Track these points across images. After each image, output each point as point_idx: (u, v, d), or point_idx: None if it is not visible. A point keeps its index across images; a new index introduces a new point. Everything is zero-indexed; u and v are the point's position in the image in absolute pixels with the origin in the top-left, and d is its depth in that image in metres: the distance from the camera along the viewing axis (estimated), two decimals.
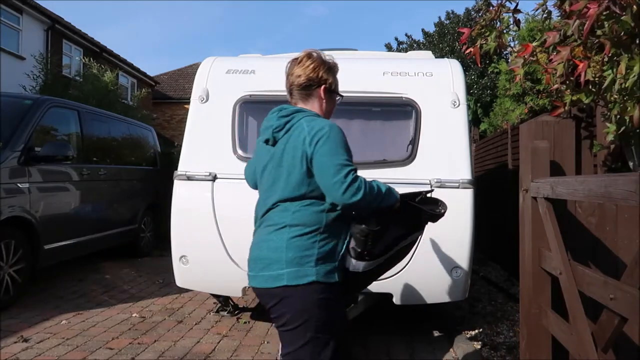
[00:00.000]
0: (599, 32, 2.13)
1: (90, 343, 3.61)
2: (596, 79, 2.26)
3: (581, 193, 1.80)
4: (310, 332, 1.73)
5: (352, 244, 1.83)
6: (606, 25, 2.05)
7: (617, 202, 1.58)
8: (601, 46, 2.14)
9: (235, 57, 4.29)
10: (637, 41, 2.01)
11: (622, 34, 2.00)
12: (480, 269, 6.48)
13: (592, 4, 1.86)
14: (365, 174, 3.79)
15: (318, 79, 1.91)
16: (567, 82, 2.38)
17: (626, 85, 1.98)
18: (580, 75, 2.12)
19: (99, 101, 10.03)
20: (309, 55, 1.93)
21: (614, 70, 2.04)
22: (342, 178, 1.69)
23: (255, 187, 2.15)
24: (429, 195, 2.05)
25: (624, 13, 1.87)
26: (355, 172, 1.75)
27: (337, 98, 2.01)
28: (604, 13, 1.92)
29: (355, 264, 1.83)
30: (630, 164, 2.48)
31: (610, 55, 2.05)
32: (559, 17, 2.54)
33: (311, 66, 1.90)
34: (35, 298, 4.76)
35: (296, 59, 1.93)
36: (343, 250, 1.83)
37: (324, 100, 1.96)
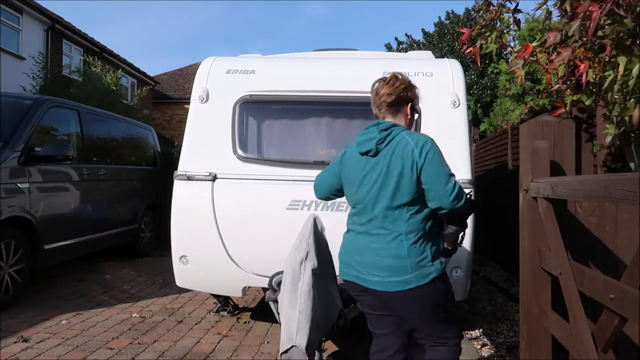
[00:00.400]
0: (600, 32, 2.13)
1: (90, 343, 3.61)
2: (597, 79, 2.26)
3: (581, 193, 1.80)
4: (445, 315, 2.12)
5: (444, 244, 2.12)
6: (607, 27, 2.05)
7: (617, 202, 1.58)
8: (602, 47, 2.13)
9: (235, 57, 4.29)
10: (638, 42, 2.01)
11: (622, 35, 2.00)
12: (480, 269, 6.48)
13: (594, 6, 1.86)
14: None
15: (406, 97, 2.19)
16: (568, 82, 2.38)
17: (628, 86, 1.98)
18: (581, 76, 2.12)
19: (99, 101, 10.02)
20: (396, 77, 2.22)
21: (615, 70, 2.04)
22: (452, 187, 1.99)
23: (324, 197, 2.45)
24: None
25: (627, 15, 1.87)
26: None
27: (416, 115, 2.28)
28: (605, 15, 1.92)
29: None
30: (631, 164, 2.48)
31: (611, 56, 2.05)
32: (559, 17, 2.54)
33: (402, 87, 2.18)
34: (35, 298, 4.76)
35: (384, 79, 2.23)
36: (439, 249, 2.12)
37: (409, 116, 2.22)
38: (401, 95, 2.17)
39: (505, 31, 2.61)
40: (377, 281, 2.04)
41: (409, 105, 2.21)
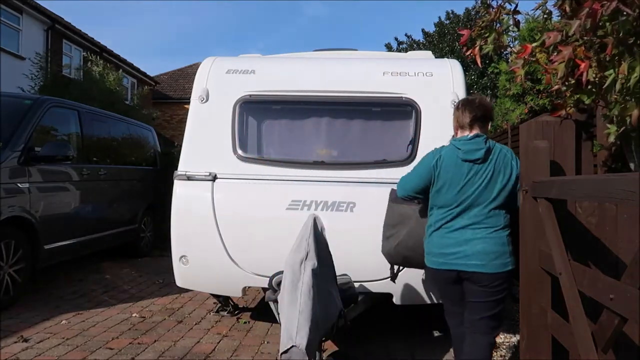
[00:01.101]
0: (600, 32, 2.13)
1: (90, 343, 3.61)
2: (597, 79, 2.25)
3: (581, 193, 1.80)
4: (504, 297, 2.54)
5: None
6: (607, 26, 2.05)
7: (617, 202, 1.58)
8: (602, 46, 2.13)
9: (235, 57, 4.29)
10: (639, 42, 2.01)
11: (623, 34, 1.99)
12: None
13: (597, 4, 1.86)
14: (365, 174, 3.80)
15: (490, 116, 2.64)
16: (567, 82, 2.38)
17: (628, 85, 1.98)
18: (581, 75, 2.12)
19: (100, 102, 10.00)
20: (484, 99, 2.70)
21: (616, 70, 2.04)
22: None
23: (406, 197, 2.75)
24: None
25: (632, 12, 1.87)
26: None
27: None
28: (606, 14, 1.92)
29: None
30: (631, 164, 2.48)
31: (612, 55, 2.05)
32: (559, 17, 2.54)
33: (489, 106, 2.65)
34: (35, 298, 4.76)
35: (474, 99, 2.63)
36: None
37: (486, 130, 2.65)
38: (488, 114, 2.59)
39: (504, 32, 2.61)
40: (483, 264, 2.43)
41: (489, 123, 2.66)
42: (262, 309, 4.42)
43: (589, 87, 2.33)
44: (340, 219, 3.50)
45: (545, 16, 2.60)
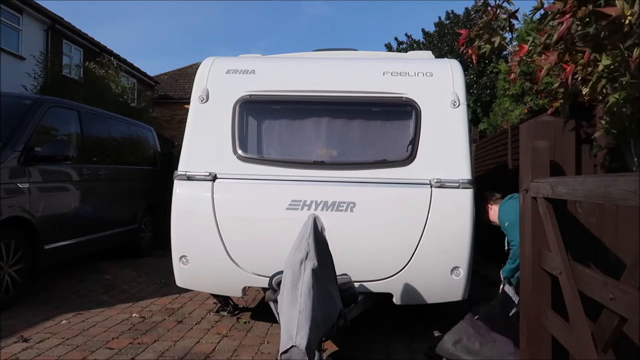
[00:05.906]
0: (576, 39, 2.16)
1: (90, 343, 3.61)
2: (588, 76, 2.26)
3: (581, 193, 1.80)
4: None
5: None
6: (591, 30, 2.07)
7: (617, 202, 1.58)
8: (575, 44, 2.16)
9: (235, 57, 4.29)
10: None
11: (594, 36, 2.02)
12: (480, 269, 6.47)
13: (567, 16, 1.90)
14: (365, 174, 3.81)
15: None
16: (561, 82, 2.39)
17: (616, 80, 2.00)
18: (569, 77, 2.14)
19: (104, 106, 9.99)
20: None
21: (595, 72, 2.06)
22: None
23: None
24: None
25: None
26: None
27: None
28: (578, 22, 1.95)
29: None
30: (630, 165, 2.48)
31: (590, 59, 2.08)
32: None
33: None
34: (35, 298, 4.75)
35: None
36: None
37: None
38: None
39: (502, 33, 2.62)
40: None
41: None
42: (262, 309, 4.42)
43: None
44: (340, 219, 3.50)
45: (539, 17, 2.60)
